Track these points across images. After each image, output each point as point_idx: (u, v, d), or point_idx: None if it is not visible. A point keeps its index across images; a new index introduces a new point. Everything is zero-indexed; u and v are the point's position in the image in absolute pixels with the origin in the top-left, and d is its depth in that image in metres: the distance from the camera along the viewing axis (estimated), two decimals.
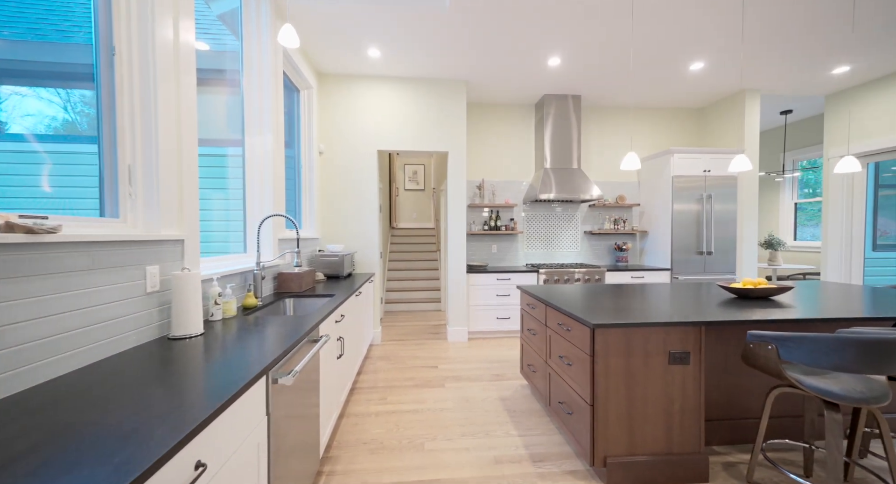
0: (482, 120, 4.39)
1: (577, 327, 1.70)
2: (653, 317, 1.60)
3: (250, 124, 2.26)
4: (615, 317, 1.60)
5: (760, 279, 2.11)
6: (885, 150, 3.83)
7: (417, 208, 8.49)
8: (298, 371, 1.14)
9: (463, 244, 3.79)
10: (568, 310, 1.75)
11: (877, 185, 4.17)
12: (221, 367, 1.02)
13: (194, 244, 1.53)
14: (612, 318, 1.58)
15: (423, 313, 5.13)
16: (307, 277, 2.51)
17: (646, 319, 1.57)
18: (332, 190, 3.63)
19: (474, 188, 4.38)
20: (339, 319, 2.05)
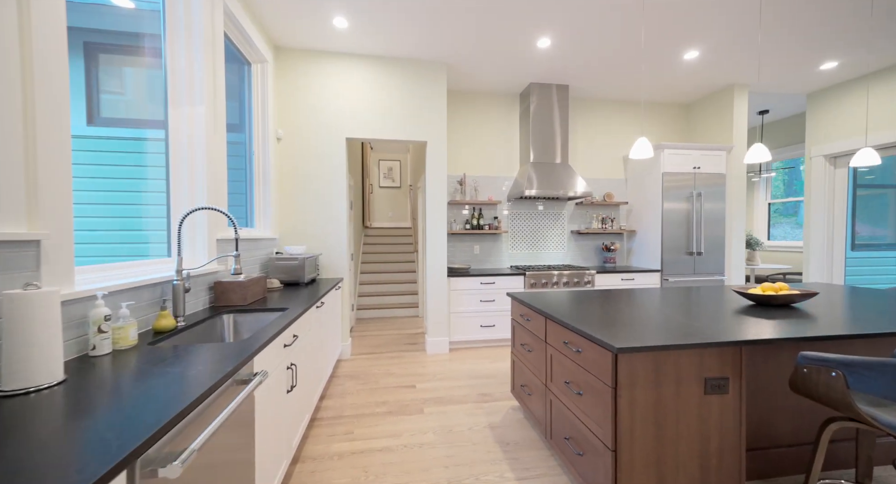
0: (464, 109, 4.04)
1: (590, 349, 1.36)
2: (681, 335, 1.29)
3: (176, 94, 1.77)
4: (639, 337, 1.27)
5: (781, 284, 1.87)
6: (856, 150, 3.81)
7: (393, 207, 8.03)
8: (197, 449, 0.72)
9: (443, 245, 3.42)
10: (578, 326, 1.42)
11: (855, 186, 4.18)
12: (52, 453, 0.59)
13: (63, 248, 1.06)
14: (636, 338, 1.25)
15: (399, 320, 4.71)
16: (255, 287, 2.05)
17: (676, 337, 1.25)
18: (294, 183, 3.15)
19: (455, 184, 4.02)
20: (291, 340, 1.62)
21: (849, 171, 4.06)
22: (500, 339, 3.60)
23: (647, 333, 1.31)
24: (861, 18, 2.77)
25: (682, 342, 1.21)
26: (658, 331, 1.35)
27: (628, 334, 1.30)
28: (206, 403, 0.88)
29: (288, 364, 1.57)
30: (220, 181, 2.03)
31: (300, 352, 1.78)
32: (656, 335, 1.29)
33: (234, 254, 1.61)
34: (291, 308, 1.86)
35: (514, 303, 2.22)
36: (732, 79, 3.79)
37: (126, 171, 1.72)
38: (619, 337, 1.27)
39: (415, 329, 4.27)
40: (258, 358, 1.22)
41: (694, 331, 1.34)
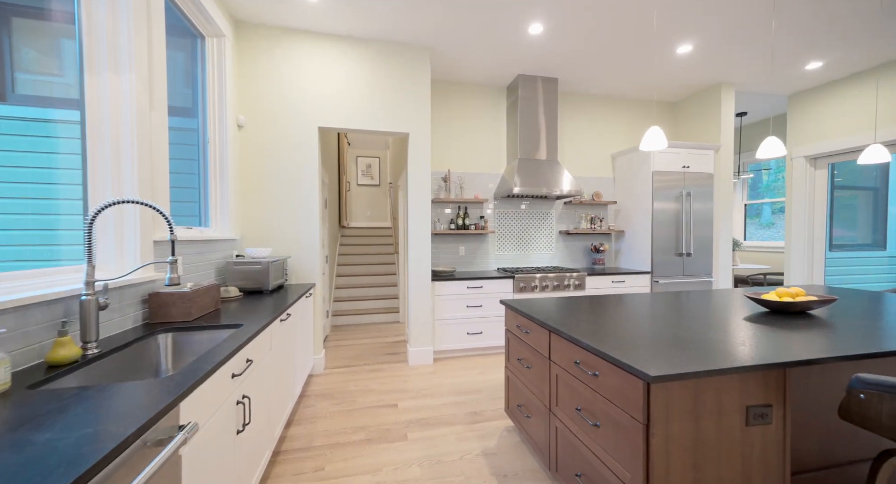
0: (448, 101, 3.78)
1: (612, 374, 1.13)
2: (716, 354, 1.09)
3: (94, 57, 1.41)
4: (669, 359, 1.06)
5: (797, 289, 1.73)
6: (843, 151, 3.86)
7: (372, 205, 7.67)
8: None
9: (427, 246, 3.15)
10: (597, 347, 1.19)
11: (832, 187, 4.24)
12: None
13: None
14: (667, 361, 1.04)
15: (378, 327, 4.39)
16: (204, 298, 1.70)
17: (712, 358, 1.04)
18: (258, 177, 2.78)
19: (439, 181, 3.75)
20: (243, 368, 1.30)
21: (828, 172, 4.11)
22: (489, 347, 3.37)
23: (677, 354, 1.10)
24: (850, 18, 2.74)
25: (724, 365, 1.00)
26: (687, 349, 1.14)
27: (656, 356, 1.08)
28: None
29: (238, 398, 1.25)
30: (160, 171, 1.67)
31: (257, 379, 1.46)
32: (688, 356, 1.08)
33: (170, 259, 1.27)
34: (248, 323, 1.54)
35: (510, 312, 1.98)
36: (720, 77, 3.73)
37: (34, 159, 1.35)
38: (649, 360, 1.05)
39: (395, 336, 3.97)
40: (188, 402, 0.91)
41: (729, 349, 1.14)
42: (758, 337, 1.28)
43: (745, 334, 1.31)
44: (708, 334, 1.31)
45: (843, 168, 4.36)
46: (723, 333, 1.34)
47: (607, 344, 1.20)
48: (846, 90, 3.73)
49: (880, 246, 4.72)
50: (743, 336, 1.29)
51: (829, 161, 4.05)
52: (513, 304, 1.93)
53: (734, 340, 1.25)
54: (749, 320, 1.53)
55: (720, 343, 1.21)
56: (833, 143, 3.87)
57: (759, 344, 1.19)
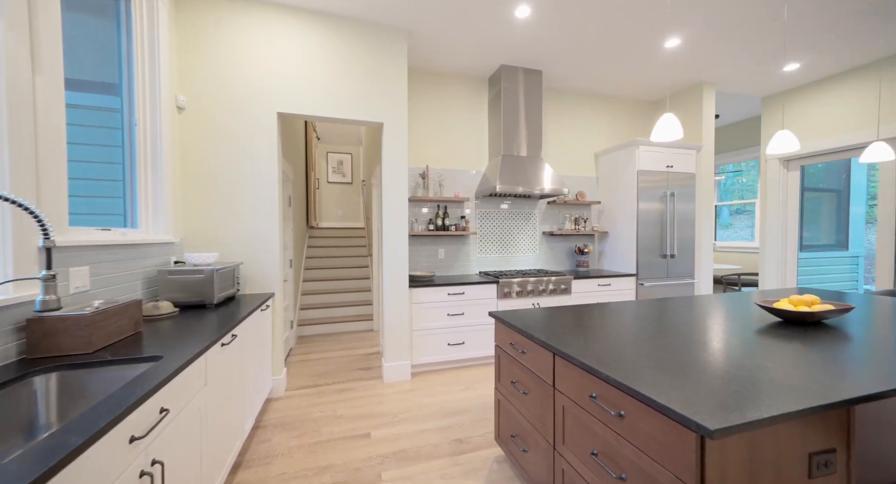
0: (426, 92, 3.49)
1: (646, 417, 0.89)
2: (773, 392, 0.87)
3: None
4: (718, 401, 0.83)
5: (812, 296, 1.59)
6: (815, 153, 3.93)
7: (344, 204, 7.24)
8: None
9: (403, 249, 2.84)
10: (622, 381, 0.94)
11: (803, 189, 4.33)
12: None
13: None
14: (719, 405, 0.80)
15: (350, 337, 4.03)
16: (114, 321, 1.32)
17: (774, 400, 0.83)
18: (204, 169, 2.37)
19: (417, 177, 3.45)
20: (152, 423, 0.95)
21: (800, 173, 4.18)
22: (472, 358, 3.11)
23: (722, 390, 0.87)
24: (828, 20, 2.72)
25: (791, 407, 0.78)
26: (730, 383, 0.92)
27: (697, 393, 0.85)
28: None
29: (144, 468, 0.90)
30: (51, 156, 1.27)
31: (177, 434, 1.10)
32: (738, 394, 0.85)
33: (43, 275, 0.91)
34: (174, 352, 1.18)
35: (501, 327, 1.72)
36: (703, 76, 3.68)
37: None
38: (693, 402, 0.81)
39: (369, 348, 3.63)
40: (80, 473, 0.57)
41: (778, 379, 0.94)
42: (798, 359, 1.08)
43: (783, 356, 1.12)
44: (739, 357, 1.11)
45: (808, 170, 4.48)
46: (754, 354, 1.14)
47: (631, 375, 0.97)
48: (819, 93, 3.79)
49: (843, 246, 4.91)
50: (782, 359, 1.09)
51: (801, 163, 4.12)
52: (505, 317, 1.67)
53: (775, 365, 1.04)
54: (766, 334, 1.35)
55: (762, 370, 1.00)
56: (806, 144, 3.93)
57: (808, 370, 1.00)
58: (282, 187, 3.14)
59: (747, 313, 1.72)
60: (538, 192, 3.32)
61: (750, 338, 1.31)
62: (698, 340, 1.30)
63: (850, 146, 3.61)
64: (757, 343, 1.25)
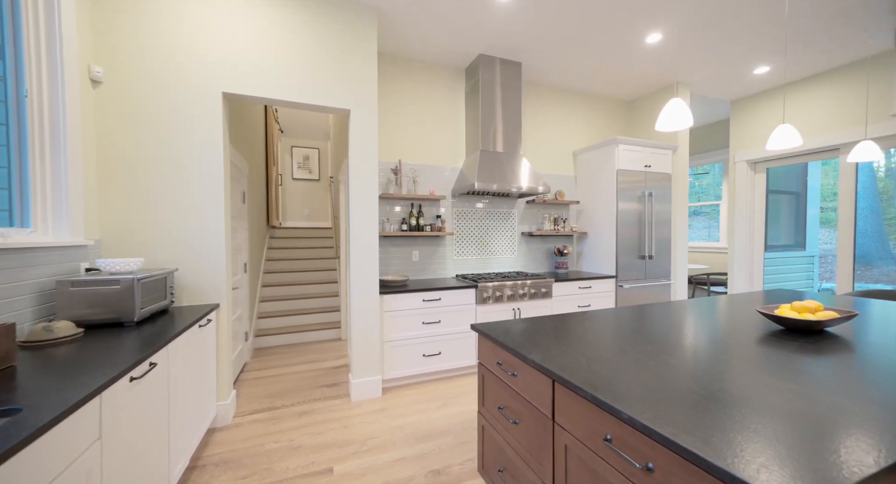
0: (399, 81, 3.21)
1: (691, 477, 0.69)
2: (834, 441, 0.70)
3: None
4: (773, 454, 0.64)
5: (815, 302, 1.48)
6: (781, 156, 4.05)
7: (310, 203, 6.78)
8: None
9: (374, 252, 2.56)
10: (654, 428, 0.74)
11: (768, 191, 4.47)
12: None
13: None
14: (777, 462, 0.61)
15: (315, 348, 3.66)
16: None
17: (839, 454, 0.65)
18: (128, 156, 1.97)
19: (388, 172, 3.17)
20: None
21: (766, 176, 4.30)
22: (449, 369, 2.87)
23: (780, 434, 0.69)
24: (799, 25, 2.75)
25: (872, 469, 0.60)
26: (781, 420, 0.74)
27: (752, 442, 0.66)
28: None
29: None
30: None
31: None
32: (794, 445, 0.67)
33: None
34: (43, 401, 0.85)
35: (486, 343, 1.50)
36: (678, 76, 3.66)
37: None
38: (746, 457, 0.62)
39: (336, 359, 3.30)
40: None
41: (826, 414, 0.77)
42: (839, 382, 0.93)
43: (817, 378, 0.96)
44: (772, 383, 0.94)
45: (770, 173, 4.64)
46: (788, 377, 0.98)
47: (658, 414, 0.76)
48: (785, 97, 3.89)
49: (801, 246, 5.15)
50: (816, 383, 0.94)
51: (767, 165, 4.24)
52: (490, 331, 1.45)
53: (815, 391, 0.88)
54: (779, 346, 1.21)
55: (812, 402, 0.83)
56: (771, 147, 4.02)
57: (857, 402, 0.84)
58: (230, 181, 2.75)
59: (747, 320, 1.60)
60: (518, 190, 3.14)
61: (768, 354, 1.16)
62: (713, 357, 1.13)
63: (813, 149, 3.72)
64: (782, 361, 1.10)
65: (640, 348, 1.22)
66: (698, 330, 1.45)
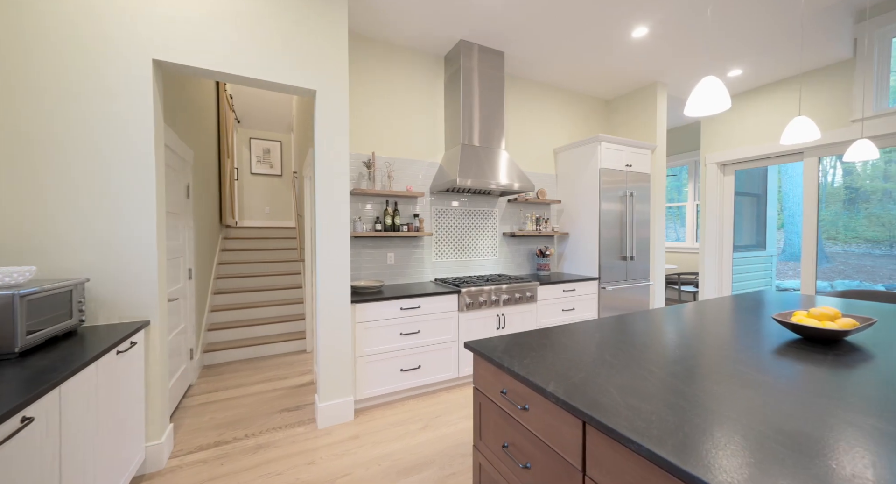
0: (373, 66, 2.90)
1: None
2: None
3: None
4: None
5: (833, 309, 1.38)
6: (748, 159, 4.16)
7: (272, 200, 6.24)
8: None
9: (344, 254, 2.24)
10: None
11: (736, 193, 4.61)
12: None
13: None
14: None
15: (277, 362, 3.25)
16: None
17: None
18: (14, 133, 1.53)
19: (361, 166, 2.84)
20: None
21: (735, 178, 4.42)
22: (430, 383, 2.60)
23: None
24: (771, 30, 2.79)
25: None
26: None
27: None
28: None
29: None
30: None
31: None
32: None
33: None
34: None
35: (484, 365, 1.25)
36: (657, 75, 3.63)
37: None
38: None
39: (300, 376, 2.92)
40: None
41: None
42: (785, 375, 0.78)
43: (817, 382, 0.81)
44: (850, 417, 0.77)
45: (735, 176, 4.79)
46: (837, 408, 0.81)
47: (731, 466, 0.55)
48: (754, 102, 4.00)
49: (762, 247, 5.40)
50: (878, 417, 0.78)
51: (735, 168, 4.35)
52: (488, 350, 1.20)
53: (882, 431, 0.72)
54: (769, 351, 1.07)
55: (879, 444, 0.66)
56: (741, 150, 4.13)
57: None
58: (167, 170, 2.31)
59: (751, 327, 1.48)
60: (502, 187, 2.93)
61: (814, 373, 1.01)
62: (760, 383, 0.96)
63: (779, 153, 3.84)
64: (810, 379, 0.94)
65: (672, 371, 1.03)
66: (720, 345, 1.30)
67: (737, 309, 1.84)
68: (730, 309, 1.84)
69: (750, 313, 1.74)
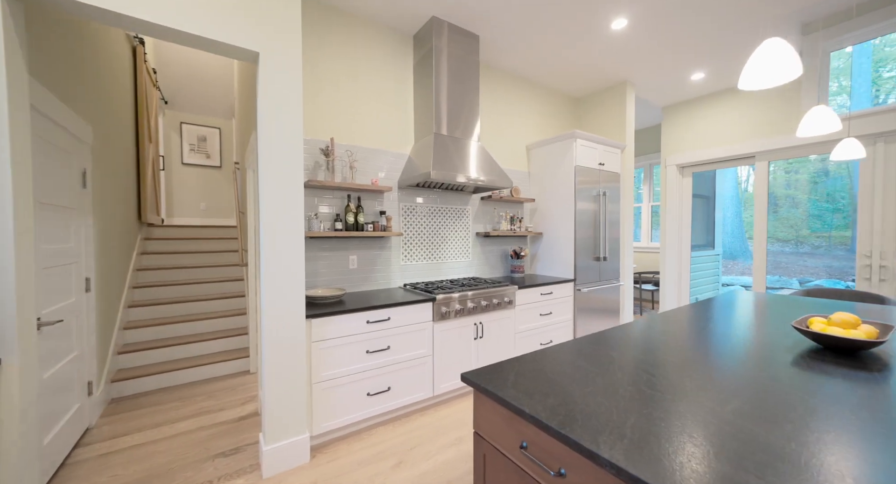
0: (332, 39, 2.48)
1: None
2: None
3: None
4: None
5: (854, 316, 1.28)
6: (704, 161, 4.32)
7: (209, 195, 5.46)
8: None
9: (297, 258, 1.82)
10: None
11: (693, 194, 4.79)
12: None
13: None
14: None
15: (211, 387, 2.69)
16: None
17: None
18: None
19: (318, 154, 2.42)
20: None
21: (692, 180, 4.59)
22: (401, 407, 2.25)
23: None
24: (732, 35, 2.85)
25: None
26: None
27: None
28: None
29: None
30: None
31: None
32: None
33: None
34: None
35: (490, 405, 0.95)
36: (626, 74, 3.60)
37: None
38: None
39: (242, 405, 2.42)
40: None
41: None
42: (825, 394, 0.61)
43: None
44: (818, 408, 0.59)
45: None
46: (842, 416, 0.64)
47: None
48: (713, 105, 4.15)
49: (711, 246, 5.72)
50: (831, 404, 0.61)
51: (692, 170, 4.51)
52: (497, 387, 0.91)
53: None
54: (785, 362, 0.93)
55: None
56: (697, 153, 4.28)
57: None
58: (44, 147, 1.73)
59: (769, 336, 1.35)
60: (483, 183, 2.67)
61: (793, 374, 0.85)
62: (788, 393, 0.77)
63: (732, 156, 4.01)
64: (877, 404, 0.78)
65: (736, 409, 0.81)
66: (753, 361, 1.13)
67: (745, 314, 1.73)
68: (737, 314, 1.73)
69: (762, 319, 1.63)
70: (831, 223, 6.47)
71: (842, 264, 6.30)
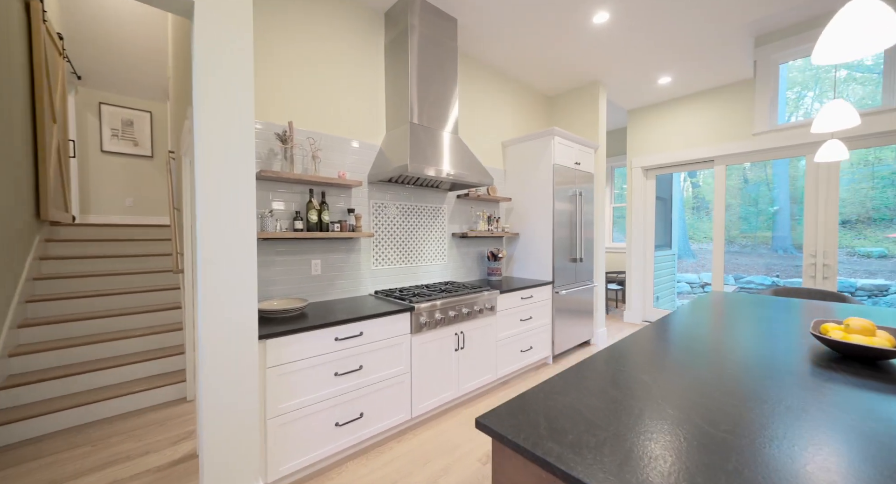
0: (292, 16, 2.11)
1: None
2: None
3: None
4: None
5: (866, 321, 1.22)
6: (665, 164, 4.47)
7: (137, 188, 4.70)
8: None
9: (247, 264, 1.46)
10: None
11: (656, 196, 4.96)
12: None
13: None
14: None
15: (135, 423, 2.18)
16: None
17: None
18: None
19: (273, 139, 2.04)
20: None
21: (655, 182, 4.74)
22: (375, 435, 1.95)
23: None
24: (701, 41, 2.93)
25: None
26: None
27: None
28: None
29: None
30: None
31: None
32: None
33: None
34: None
35: (516, 460, 0.72)
36: (599, 74, 3.59)
37: None
38: None
39: (175, 445, 1.96)
40: None
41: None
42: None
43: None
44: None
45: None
46: None
47: None
48: (678, 110, 4.29)
49: (668, 246, 6.00)
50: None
51: (655, 173, 4.65)
52: (524, 435, 0.68)
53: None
54: (803, 371, 0.83)
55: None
56: (661, 156, 4.41)
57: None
58: None
59: (797, 348, 1.27)
60: (465, 179, 2.45)
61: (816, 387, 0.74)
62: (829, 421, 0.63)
63: (692, 160, 4.17)
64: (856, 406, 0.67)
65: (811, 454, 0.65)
66: (755, 359, 1.01)
67: (746, 317, 1.66)
68: (739, 319, 1.66)
69: (777, 325, 1.56)
70: (756, 225, 7.11)
71: (766, 261, 6.92)
